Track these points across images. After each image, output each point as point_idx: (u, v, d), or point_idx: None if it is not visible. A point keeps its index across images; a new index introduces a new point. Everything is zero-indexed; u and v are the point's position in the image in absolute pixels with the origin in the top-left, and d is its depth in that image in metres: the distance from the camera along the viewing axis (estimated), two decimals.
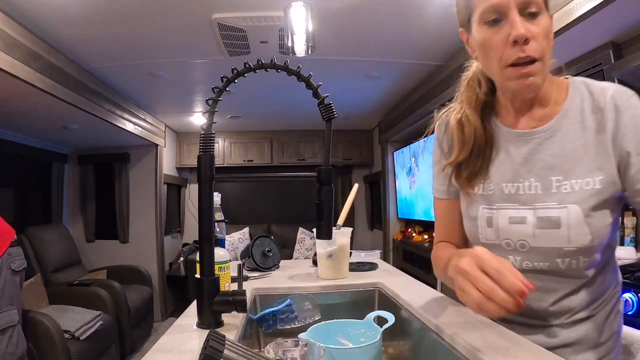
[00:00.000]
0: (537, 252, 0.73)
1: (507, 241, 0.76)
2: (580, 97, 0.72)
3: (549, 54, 0.68)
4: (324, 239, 0.86)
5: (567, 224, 0.69)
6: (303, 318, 0.96)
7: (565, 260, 0.71)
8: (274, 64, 0.82)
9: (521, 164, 0.75)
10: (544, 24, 0.66)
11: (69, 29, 2.15)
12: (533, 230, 0.72)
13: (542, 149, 0.73)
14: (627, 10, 1.52)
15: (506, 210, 0.75)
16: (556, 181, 0.71)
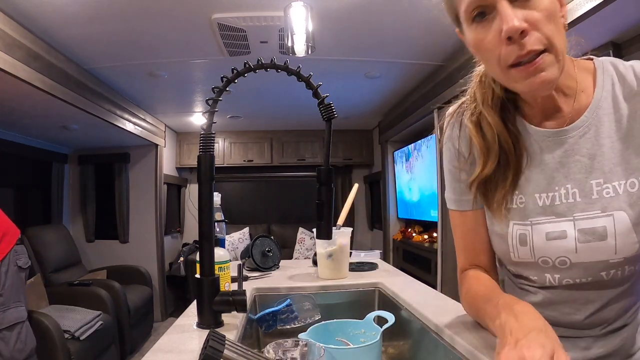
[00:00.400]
0: (580, 268, 0.63)
1: (545, 259, 0.65)
2: (611, 82, 0.61)
3: (560, 37, 0.55)
4: (324, 239, 0.86)
5: (614, 233, 0.59)
6: (303, 318, 0.96)
7: (610, 272, 0.62)
8: (274, 64, 0.82)
9: (555, 169, 0.64)
10: (544, 4, 0.53)
11: (69, 29, 2.15)
12: (575, 245, 0.62)
13: (577, 148, 0.62)
14: (627, 10, 1.52)
15: (542, 225, 0.64)
16: (596, 185, 0.60)
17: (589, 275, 0.63)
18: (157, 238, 4.23)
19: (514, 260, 0.69)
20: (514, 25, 0.52)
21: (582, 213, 0.61)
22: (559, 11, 0.56)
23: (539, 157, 0.65)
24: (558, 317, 0.68)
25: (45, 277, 3.16)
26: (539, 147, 0.65)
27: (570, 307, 0.67)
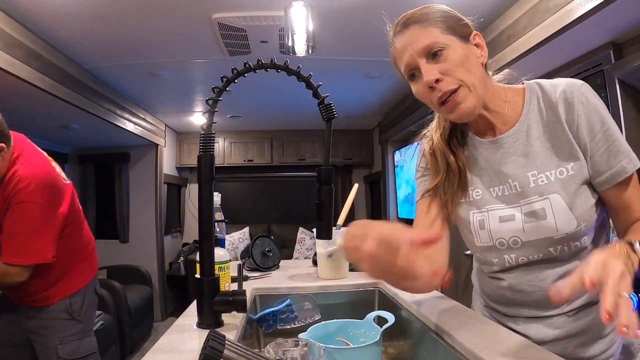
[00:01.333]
0: (530, 246, 0.76)
1: (501, 240, 0.79)
2: (536, 97, 0.78)
3: (472, 75, 0.73)
4: (324, 239, 0.86)
5: (552, 213, 0.73)
6: (303, 318, 0.96)
7: (557, 248, 0.75)
8: (274, 64, 0.82)
9: (499, 168, 0.80)
10: (453, 56, 0.72)
11: (70, 29, 2.15)
12: (522, 225, 0.76)
13: (512, 151, 0.79)
14: (627, 11, 1.52)
15: (495, 211, 0.80)
16: (532, 176, 0.76)
17: (539, 251, 0.76)
18: (157, 238, 4.23)
19: (478, 246, 0.83)
20: (429, 79, 0.72)
21: (524, 199, 0.76)
22: (475, 55, 0.75)
23: (485, 160, 0.82)
24: (524, 297, 0.80)
25: None
26: (485, 152, 0.83)
27: (531, 285, 0.78)
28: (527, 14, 1.85)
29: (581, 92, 0.73)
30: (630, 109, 1.70)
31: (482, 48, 0.78)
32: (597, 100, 0.73)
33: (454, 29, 0.75)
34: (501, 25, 2.05)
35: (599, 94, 1.81)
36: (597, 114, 0.72)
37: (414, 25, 0.75)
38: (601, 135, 0.71)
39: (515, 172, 0.78)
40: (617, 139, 0.72)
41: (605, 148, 0.71)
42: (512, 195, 0.78)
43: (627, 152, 0.72)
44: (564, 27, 1.64)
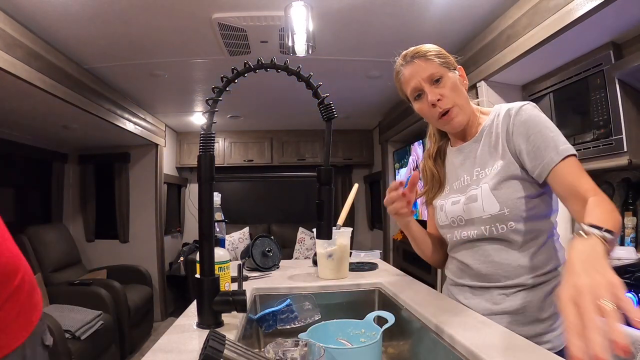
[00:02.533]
0: (468, 224, 0.99)
1: (452, 219, 1.03)
2: (494, 116, 1.00)
3: (461, 97, 1.00)
4: (324, 239, 0.86)
5: (480, 197, 0.95)
6: (303, 318, 0.96)
7: (487, 228, 0.95)
8: (274, 64, 0.82)
9: (460, 167, 1.06)
10: (448, 83, 0.99)
11: (70, 29, 2.15)
12: (463, 207, 1.00)
13: (470, 154, 1.04)
14: (627, 11, 1.52)
15: (451, 198, 1.05)
16: (476, 172, 1.00)
17: (474, 229, 0.98)
18: (157, 238, 4.23)
19: (440, 224, 1.08)
20: (432, 99, 0.98)
21: (468, 188, 1.01)
22: (460, 82, 1.02)
23: (452, 163, 1.10)
24: (471, 271, 1.00)
25: (45, 276, 3.16)
26: (452, 157, 1.10)
27: (473, 259, 0.99)
28: (527, 14, 1.85)
29: (522, 108, 0.93)
30: (630, 109, 1.70)
31: (464, 77, 1.04)
32: (536, 112, 0.92)
33: (446, 63, 1.01)
34: (501, 25, 2.05)
35: (599, 94, 1.82)
36: (532, 122, 0.90)
37: (419, 59, 1.00)
38: (534, 137, 0.89)
39: (468, 170, 1.03)
40: (548, 137, 0.88)
41: (537, 145, 0.88)
42: (462, 186, 1.03)
43: (556, 146, 0.86)
44: (564, 27, 1.64)
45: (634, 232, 1.92)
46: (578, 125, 1.92)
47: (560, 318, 0.73)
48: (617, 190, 2.10)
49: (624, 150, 1.68)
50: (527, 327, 0.89)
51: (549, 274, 0.92)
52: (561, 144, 0.86)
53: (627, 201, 1.99)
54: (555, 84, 2.05)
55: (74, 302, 2.88)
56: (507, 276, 0.94)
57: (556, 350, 0.86)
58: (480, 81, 2.30)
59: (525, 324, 0.90)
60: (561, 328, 0.88)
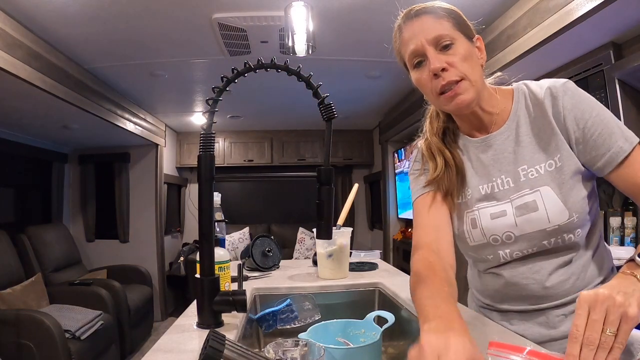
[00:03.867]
0: (524, 240, 0.78)
1: (494, 237, 0.80)
2: (524, 97, 0.81)
3: (474, 72, 0.77)
4: (324, 239, 0.86)
5: (543, 204, 0.75)
6: (303, 318, 0.96)
7: (551, 241, 0.76)
8: (274, 64, 0.82)
9: (491, 165, 0.83)
10: (459, 51, 0.75)
11: (70, 29, 2.15)
12: (514, 220, 0.78)
13: (503, 148, 0.81)
14: (627, 11, 1.52)
15: (486, 208, 0.81)
16: (522, 170, 0.78)
17: (533, 245, 0.77)
18: (157, 238, 4.23)
19: (471, 245, 0.84)
20: (436, 66, 0.74)
21: (515, 194, 0.78)
22: (476, 55, 0.79)
23: (477, 159, 0.85)
24: (518, 291, 0.80)
25: (45, 276, 3.16)
26: (476, 151, 0.85)
27: (525, 278, 0.79)
28: (527, 14, 1.85)
29: (566, 87, 0.76)
30: (630, 109, 1.70)
31: (482, 51, 0.81)
32: (582, 92, 0.75)
33: (462, 27, 0.78)
34: (501, 25, 2.05)
35: (599, 94, 1.82)
36: (585, 103, 0.74)
37: (427, 15, 0.77)
38: (592, 121, 0.73)
39: (507, 169, 0.80)
40: (609, 121, 0.73)
41: (599, 132, 0.72)
42: (502, 191, 0.80)
43: (622, 132, 0.72)
44: (564, 27, 1.64)
45: (634, 232, 1.92)
46: None
47: None
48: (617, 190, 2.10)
49: None
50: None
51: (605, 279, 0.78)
52: (623, 128, 0.72)
53: (627, 201, 1.99)
54: None
55: (74, 302, 2.88)
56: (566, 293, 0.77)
57: None
58: None
59: None
60: None
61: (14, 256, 2.97)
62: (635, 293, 0.54)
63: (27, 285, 2.83)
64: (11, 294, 2.65)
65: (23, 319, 2.31)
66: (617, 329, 0.50)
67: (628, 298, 0.52)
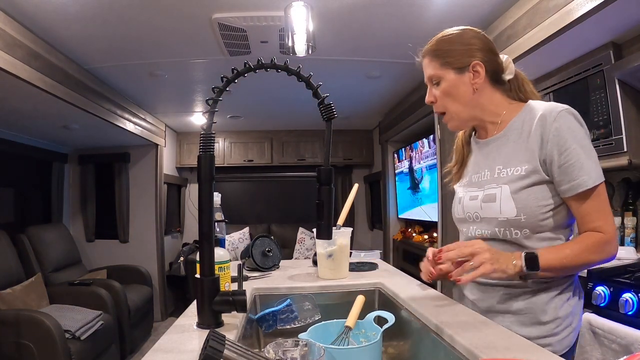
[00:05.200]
0: (484, 222, 0.97)
1: (468, 214, 1.01)
2: (526, 114, 0.95)
3: (453, 104, 0.98)
4: (324, 239, 0.86)
5: (499, 198, 0.92)
6: (303, 318, 0.96)
7: (501, 230, 0.93)
8: (274, 64, 0.82)
9: (482, 160, 1.03)
10: (442, 88, 0.98)
11: (70, 29, 2.15)
12: (480, 204, 0.97)
13: (495, 149, 1.00)
14: (627, 11, 1.52)
15: (469, 192, 1.03)
16: (498, 169, 0.96)
17: (489, 229, 0.96)
18: (157, 238, 4.23)
19: (455, 217, 1.08)
20: (427, 100, 1.02)
21: (487, 185, 0.98)
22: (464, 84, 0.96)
23: (476, 154, 1.07)
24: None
25: (45, 276, 3.16)
26: (478, 149, 1.07)
27: None
28: (527, 14, 1.86)
29: (560, 114, 0.87)
30: (630, 109, 1.70)
31: (479, 75, 0.95)
32: (575, 124, 0.87)
33: (451, 63, 0.96)
34: (501, 25, 2.05)
35: (599, 94, 1.82)
36: (569, 134, 0.86)
37: (427, 57, 1.00)
38: (569, 152, 0.85)
39: (490, 165, 1.00)
40: (584, 156, 0.85)
41: (572, 162, 0.85)
42: (481, 181, 1.00)
43: (590, 170, 0.84)
44: (564, 27, 1.64)
45: (634, 232, 1.92)
46: None
47: (564, 323, 0.89)
48: (617, 190, 2.10)
49: (624, 150, 1.68)
50: (529, 329, 0.89)
51: (555, 281, 0.91)
52: (594, 168, 0.85)
53: (627, 201, 1.99)
54: (555, 84, 2.05)
55: (74, 302, 2.88)
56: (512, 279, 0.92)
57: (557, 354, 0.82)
58: None
59: (527, 325, 0.90)
60: (564, 333, 0.89)
61: (14, 256, 2.97)
62: (500, 264, 0.84)
63: (27, 285, 2.83)
64: (11, 294, 2.65)
65: (23, 319, 2.31)
66: (476, 268, 0.83)
67: (493, 263, 0.83)
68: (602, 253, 0.86)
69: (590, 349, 1.33)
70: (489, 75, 0.96)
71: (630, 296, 1.26)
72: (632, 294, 1.26)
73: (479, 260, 0.83)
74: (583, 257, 0.85)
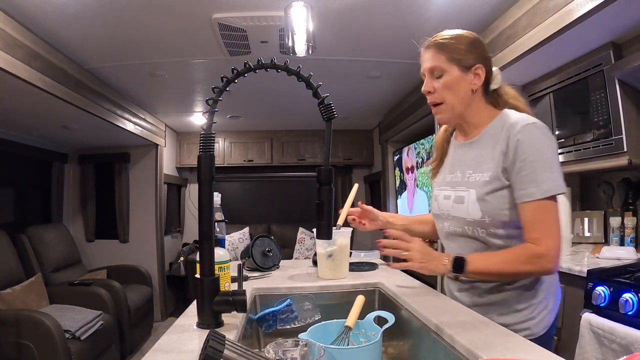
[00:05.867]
0: (454, 220, 1.06)
1: (442, 211, 1.10)
2: (498, 123, 1.02)
3: (455, 97, 1.02)
4: (324, 239, 0.86)
5: (467, 201, 1.01)
6: (303, 318, 0.96)
7: (470, 229, 1.02)
8: (274, 64, 0.82)
9: (456, 161, 1.11)
10: (444, 80, 1.01)
11: (70, 29, 2.15)
12: (452, 204, 1.06)
13: (467, 153, 1.08)
14: (627, 11, 1.52)
15: (444, 191, 1.11)
16: (468, 173, 1.04)
17: (459, 226, 1.05)
18: (157, 238, 4.23)
19: (433, 212, 1.16)
20: (424, 89, 1.05)
21: (459, 187, 1.05)
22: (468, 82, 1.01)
23: (453, 155, 1.14)
24: None
25: (45, 276, 3.16)
26: (454, 150, 1.14)
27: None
28: (527, 14, 1.86)
29: (526, 128, 0.94)
30: (630, 109, 1.70)
31: (479, 78, 1.02)
32: (538, 137, 0.93)
33: (458, 60, 1.00)
34: (501, 25, 2.05)
35: (599, 94, 1.82)
36: (530, 147, 0.92)
37: (432, 49, 1.03)
38: (526, 163, 0.92)
39: (462, 168, 1.07)
40: (539, 170, 0.91)
41: (526, 173, 0.92)
42: (454, 182, 1.08)
43: (541, 183, 0.90)
44: (564, 27, 1.64)
45: (634, 232, 1.92)
46: (578, 125, 1.92)
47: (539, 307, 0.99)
48: (617, 190, 2.10)
49: (624, 150, 1.68)
50: (508, 316, 0.98)
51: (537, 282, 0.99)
52: (546, 181, 0.90)
53: (627, 201, 1.99)
54: (555, 84, 2.05)
55: (74, 302, 2.88)
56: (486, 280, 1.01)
57: (535, 336, 0.97)
58: None
59: (505, 314, 0.99)
60: (540, 316, 0.98)
61: (14, 256, 2.97)
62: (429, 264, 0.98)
63: (27, 285, 2.83)
64: (11, 294, 2.65)
65: (23, 319, 2.31)
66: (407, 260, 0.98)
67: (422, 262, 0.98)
68: (534, 265, 0.91)
69: (590, 349, 1.33)
70: (484, 82, 1.03)
71: (630, 296, 1.26)
72: (632, 294, 1.26)
73: (409, 257, 0.98)
74: (513, 266, 0.93)
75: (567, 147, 1.96)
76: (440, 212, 1.10)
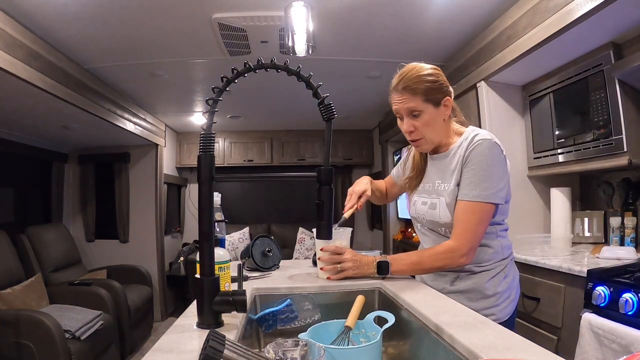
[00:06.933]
0: (428, 223, 1.24)
1: (419, 215, 1.26)
2: (462, 140, 1.17)
3: (433, 132, 1.16)
4: (324, 239, 0.86)
5: (439, 207, 1.17)
6: (303, 318, 0.96)
7: (442, 229, 1.20)
8: (274, 64, 0.82)
9: (430, 174, 1.27)
10: (423, 119, 1.14)
11: (70, 29, 2.15)
12: (426, 209, 1.22)
13: (438, 165, 1.23)
14: (627, 11, 1.52)
15: (420, 197, 1.27)
16: (438, 183, 1.22)
17: (433, 227, 1.23)
18: (157, 238, 4.23)
19: (411, 215, 1.33)
20: (406, 129, 1.17)
21: (431, 195, 1.23)
22: (441, 115, 1.16)
23: (430, 167, 1.28)
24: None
25: (45, 276, 3.16)
26: (429, 163, 1.28)
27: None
28: (527, 14, 1.86)
29: (478, 143, 1.10)
30: (630, 109, 1.70)
31: (448, 108, 1.16)
32: (486, 151, 1.09)
33: (431, 99, 1.13)
34: (501, 25, 2.05)
35: (599, 94, 1.81)
36: (477, 159, 1.09)
37: (407, 91, 1.12)
38: (469, 170, 1.10)
39: (434, 178, 1.24)
40: (480, 178, 1.08)
41: (467, 177, 1.10)
42: (429, 190, 1.24)
43: (476, 188, 1.08)
44: (564, 27, 1.64)
45: (634, 232, 1.92)
46: (578, 125, 1.92)
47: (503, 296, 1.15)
48: (617, 190, 2.10)
49: (624, 150, 1.68)
50: (477, 303, 1.13)
51: (491, 263, 1.16)
52: (481, 188, 1.07)
53: (627, 201, 1.99)
54: (555, 84, 2.05)
55: (74, 302, 2.88)
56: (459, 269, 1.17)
57: (500, 321, 1.12)
58: (480, 81, 2.30)
59: (475, 300, 1.14)
60: (504, 304, 1.14)
61: (14, 256, 2.97)
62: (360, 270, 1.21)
63: (27, 285, 2.83)
64: (11, 294, 2.65)
65: (23, 319, 2.31)
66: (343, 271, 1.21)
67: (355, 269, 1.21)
68: (447, 260, 1.10)
69: (590, 349, 1.33)
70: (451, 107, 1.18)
71: (630, 296, 1.26)
72: (632, 294, 1.26)
73: (344, 267, 1.20)
74: (430, 262, 1.13)
75: (567, 147, 1.96)
76: (417, 216, 1.27)
